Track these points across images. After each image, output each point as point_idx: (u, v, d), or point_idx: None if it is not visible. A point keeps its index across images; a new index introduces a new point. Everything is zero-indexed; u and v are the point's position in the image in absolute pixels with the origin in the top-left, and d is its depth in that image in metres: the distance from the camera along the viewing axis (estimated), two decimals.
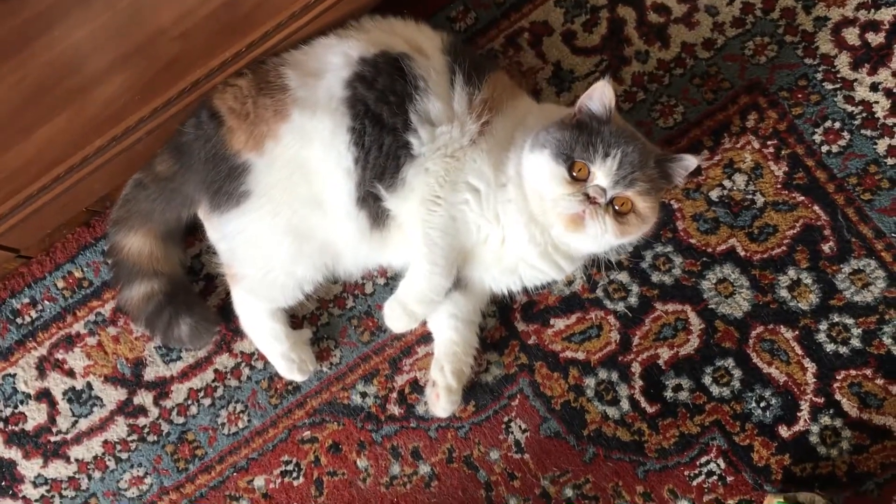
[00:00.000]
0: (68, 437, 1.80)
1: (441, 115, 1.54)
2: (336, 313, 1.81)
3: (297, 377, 1.76)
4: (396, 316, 1.64)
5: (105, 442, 1.80)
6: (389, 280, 1.81)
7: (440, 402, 1.70)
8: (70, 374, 1.81)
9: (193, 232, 1.79)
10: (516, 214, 1.55)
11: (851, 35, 1.79)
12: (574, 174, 1.48)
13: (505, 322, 1.79)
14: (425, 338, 1.79)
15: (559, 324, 1.78)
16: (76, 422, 1.80)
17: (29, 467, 1.79)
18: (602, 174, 1.47)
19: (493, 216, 1.57)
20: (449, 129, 1.55)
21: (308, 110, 1.53)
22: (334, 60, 1.57)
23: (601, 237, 1.50)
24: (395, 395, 1.79)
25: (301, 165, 1.55)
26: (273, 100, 1.55)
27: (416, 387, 1.79)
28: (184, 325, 1.71)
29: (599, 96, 1.48)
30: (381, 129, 1.53)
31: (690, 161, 1.50)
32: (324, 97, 1.54)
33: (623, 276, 1.78)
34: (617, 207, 1.49)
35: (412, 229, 1.59)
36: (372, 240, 1.61)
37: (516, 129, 1.58)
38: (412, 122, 1.53)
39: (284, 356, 1.73)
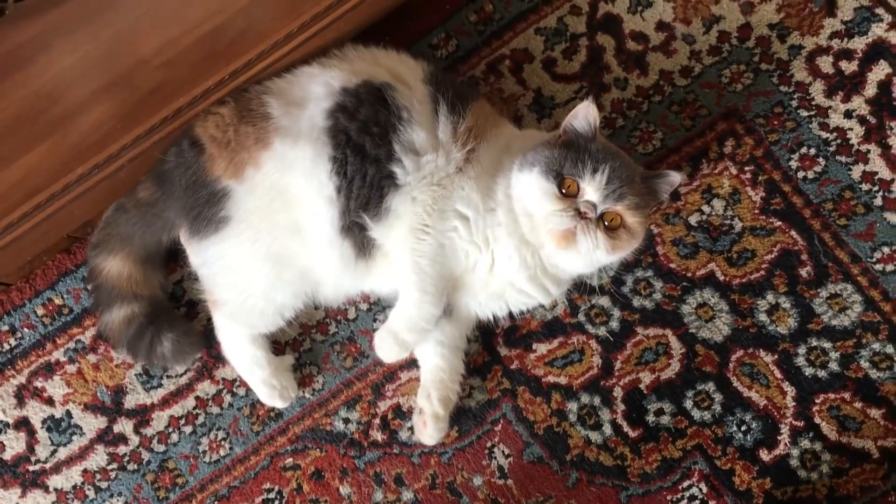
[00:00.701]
0: (47, 466, 1.77)
1: (426, 145, 1.54)
2: (319, 339, 1.80)
3: (279, 404, 1.75)
4: (388, 346, 1.63)
5: (84, 471, 1.77)
6: (372, 306, 1.80)
7: (427, 429, 1.69)
8: (49, 402, 1.78)
9: (175, 258, 1.78)
10: (507, 238, 1.55)
11: (825, 63, 1.81)
12: (564, 190, 1.49)
13: (488, 347, 1.78)
14: (409, 363, 1.78)
15: (541, 348, 1.78)
16: (55, 450, 1.78)
17: (7, 497, 1.76)
18: (592, 189, 1.48)
19: (482, 242, 1.57)
20: (434, 158, 1.55)
21: (290, 139, 1.53)
22: (317, 90, 1.56)
23: (592, 253, 1.50)
24: (377, 420, 1.78)
25: (281, 193, 1.54)
26: (255, 128, 1.54)
27: (399, 412, 1.78)
28: (166, 342, 1.69)
29: (584, 115, 1.50)
30: (364, 160, 1.52)
31: (675, 177, 1.52)
32: (306, 126, 1.53)
33: (604, 301, 1.78)
34: (607, 223, 1.50)
35: (400, 258, 1.58)
36: (357, 268, 1.60)
37: (502, 154, 1.58)
38: (396, 153, 1.53)
39: (266, 382, 1.72)
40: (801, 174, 1.79)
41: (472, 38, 1.86)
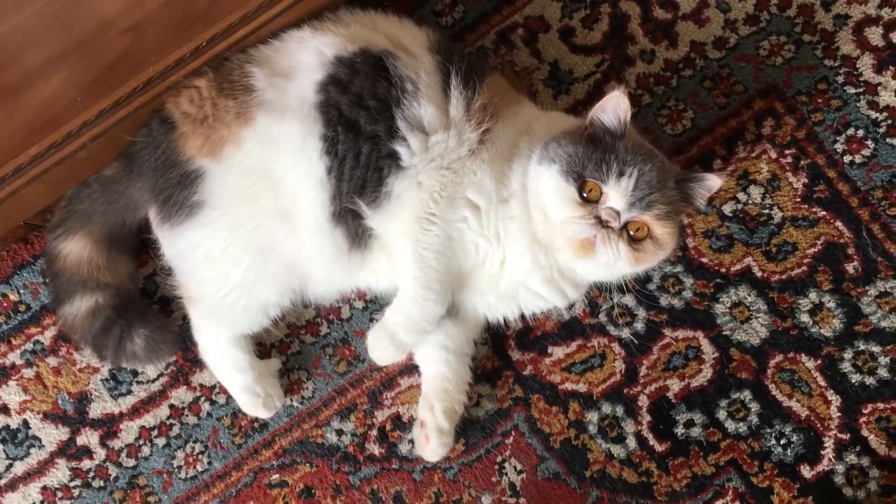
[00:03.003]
0: (1, 483, 1.65)
1: (435, 122, 1.42)
2: (308, 341, 1.68)
3: (262, 413, 1.63)
4: (382, 346, 1.50)
5: (44, 488, 1.65)
6: (369, 304, 1.68)
7: (430, 445, 1.57)
8: (4, 410, 1.66)
9: (147, 249, 1.65)
10: (519, 234, 1.43)
11: (874, 35, 1.70)
12: (585, 195, 1.36)
13: (498, 350, 1.67)
14: (409, 368, 1.66)
15: (558, 352, 1.66)
16: (11, 465, 1.66)
17: None
18: (616, 195, 1.34)
19: (493, 235, 1.45)
20: (445, 138, 1.42)
21: (275, 114, 1.41)
22: (307, 59, 1.44)
23: (614, 265, 1.38)
24: (374, 432, 1.66)
25: (265, 174, 1.43)
26: (236, 102, 1.43)
27: (399, 423, 1.66)
28: (137, 339, 1.57)
29: (613, 108, 1.36)
30: (357, 137, 1.40)
31: (714, 181, 1.39)
32: (294, 101, 1.42)
33: (628, 300, 1.66)
34: (632, 233, 1.37)
35: (401, 250, 1.45)
36: (350, 261, 1.48)
37: (520, 137, 1.46)
38: (400, 130, 1.40)
39: (248, 389, 1.60)
40: (847, 158, 1.68)
41: (481, 4, 1.74)
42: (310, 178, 1.42)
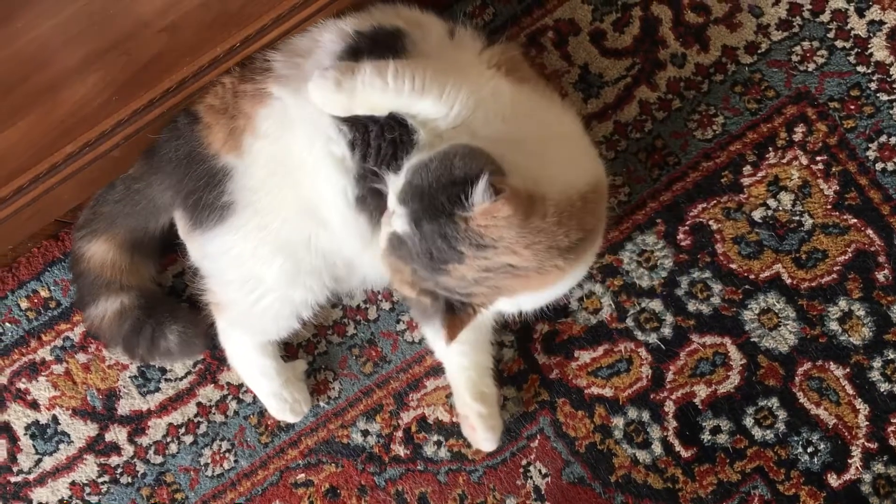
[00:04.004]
0: (31, 477, 1.66)
1: None
2: (335, 341, 1.67)
3: (290, 418, 1.63)
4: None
5: (72, 483, 1.66)
6: (395, 305, 1.66)
7: (478, 432, 1.55)
8: (34, 406, 1.67)
9: (175, 248, 1.63)
10: None
11: None
12: None
13: (524, 354, 1.65)
14: (435, 370, 1.65)
15: (584, 356, 1.64)
16: (40, 460, 1.66)
17: None
18: None
19: None
20: None
21: (291, 87, 1.37)
22: (327, 37, 1.41)
23: None
24: (400, 433, 1.65)
25: (283, 160, 1.39)
26: (254, 84, 1.41)
27: (424, 424, 1.65)
28: (171, 335, 1.57)
29: None
30: None
31: None
32: (311, 72, 1.34)
33: (656, 305, 1.63)
34: None
35: None
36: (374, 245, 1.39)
37: None
38: None
39: (275, 395, 1.60)
40: (879, 165, 1.64)
41: (511, 6, 1.70)
42: (329, 158, 1.36)
